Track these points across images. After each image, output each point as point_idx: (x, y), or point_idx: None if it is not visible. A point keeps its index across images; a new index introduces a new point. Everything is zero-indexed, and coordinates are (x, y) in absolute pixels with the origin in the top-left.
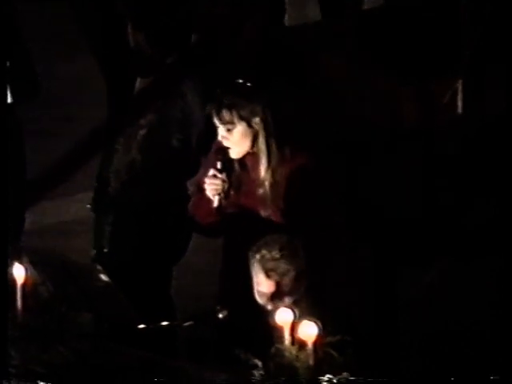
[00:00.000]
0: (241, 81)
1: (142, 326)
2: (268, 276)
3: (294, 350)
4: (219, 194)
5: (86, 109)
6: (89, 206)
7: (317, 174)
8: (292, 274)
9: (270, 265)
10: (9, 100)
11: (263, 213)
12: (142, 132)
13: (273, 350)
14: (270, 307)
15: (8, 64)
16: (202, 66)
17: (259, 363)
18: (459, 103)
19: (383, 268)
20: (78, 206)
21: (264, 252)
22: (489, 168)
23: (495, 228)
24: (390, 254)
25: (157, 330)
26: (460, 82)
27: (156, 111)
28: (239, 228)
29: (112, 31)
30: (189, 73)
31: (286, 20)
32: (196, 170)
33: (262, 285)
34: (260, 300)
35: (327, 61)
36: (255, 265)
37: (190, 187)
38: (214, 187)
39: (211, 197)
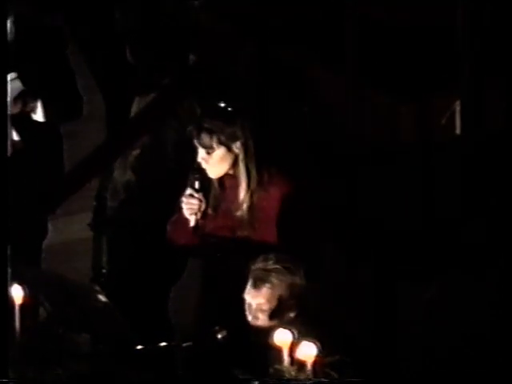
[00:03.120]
0: (222, 104)
1: (140, 346)
2: (255, 285)
3: (292, 371)
4: (195, 214)
5: (85, 127)
6: (88, 224)
7: (296, 197)
8: (281, 291)
9: (260, 274)
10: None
11: (240, 233)
12: (135, 152)
13: (272, 370)
14: (255, 323)
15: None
16: (198, 86)
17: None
18: (457, 123)
19: (383, 284)
20: (78, 226)
21: (258, 263)
22: (488, 182)
23: (495, 242)
24: (389, 269)
25: (155, 350)
26: (458, 102)
27: (149, 133)
28: (217, 246)
29: (111, 50)
30: (185, 94)
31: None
32: None
33: (249, 293)
34: (247, 311)
35: (326, 78)
36: (249, 275)
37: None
38: (191, 206)
39: (188, 216)
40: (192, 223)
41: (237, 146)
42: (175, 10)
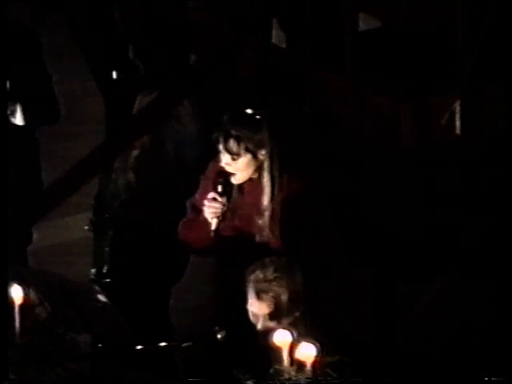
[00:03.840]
0: (249, 111)
1: (140, 346)
2: (258, 297)
3: (292, 371)
4: (218, 217)
5: (85, 127)
6: (86, 227)
7: (314, 198)
8: (285, 296)
9: (262, 286)
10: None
11: (258, 237)
12: (135, 153)
13: (271, 370)
14: (262, 327)
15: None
16: (200, 87)
17: None
18: (457, 123)
19: (383, 286)
20: (78, 226)
21: (258, 273)
22: (488, 186)
23: (495, 246)
24: (389, 272)
25: (155, 350)
26: (458, 102)
27: (150, 133)
28: (233, 250)
29: (111, 50)
30: (187, 95)
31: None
32: (194, 190)
33: (254, 306)
34: (253, 320)
35: (327, 80)
36: (249, 285)
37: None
38: (214, 210)
39: (209, 219)
40: (213, 226)
41: (262, 153)
42: (176, 9)
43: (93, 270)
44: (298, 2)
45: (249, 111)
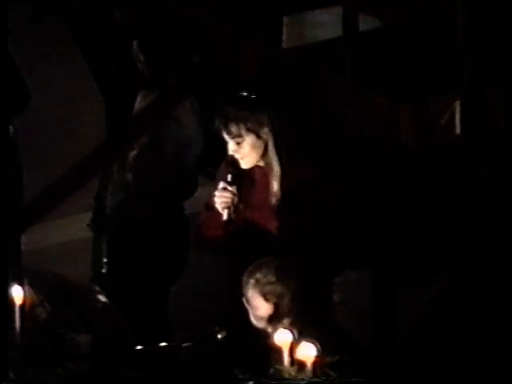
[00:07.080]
0: (244, 93)
1: (140, 346)
2: (266, 300)
3: (293, 371)
4: (228, 208)
5: (85, 127)
6: (87, 227)
7: (324, 187)
8: (288, 295)
9: (267, 288)
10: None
11: (270, 226)
12: (133, 153)
13: (272, 370)
14: (268, 330)
15: None
16: (200, 87)
17: None
18: (457, 123)
19: (383, 286)
20: (78, 226)
21: (259, 276)
22: (488, 185)
23: (495, 246)
24: (389, 272)
25: (155, 350)
26: (458, 102)
27: (149, 133)
28: (245, 246)
29: (113, 50)
30: (186, 94)
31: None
32: (193, 191)
33: (261, 309)
34: (258, 324)
35: (327, 79)
36: (251, 290)
37: (188, 207)
38: (224, 200)
39: (220, 210)
40: (225, 216)
41: (265, 132)
42: (177, 9)
43: (93, 270)
44: (298, 2)
45: (244, 93)
